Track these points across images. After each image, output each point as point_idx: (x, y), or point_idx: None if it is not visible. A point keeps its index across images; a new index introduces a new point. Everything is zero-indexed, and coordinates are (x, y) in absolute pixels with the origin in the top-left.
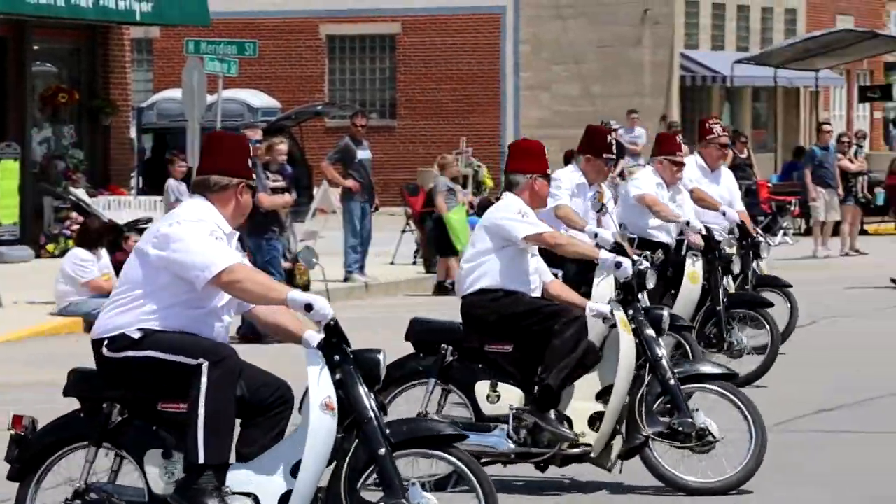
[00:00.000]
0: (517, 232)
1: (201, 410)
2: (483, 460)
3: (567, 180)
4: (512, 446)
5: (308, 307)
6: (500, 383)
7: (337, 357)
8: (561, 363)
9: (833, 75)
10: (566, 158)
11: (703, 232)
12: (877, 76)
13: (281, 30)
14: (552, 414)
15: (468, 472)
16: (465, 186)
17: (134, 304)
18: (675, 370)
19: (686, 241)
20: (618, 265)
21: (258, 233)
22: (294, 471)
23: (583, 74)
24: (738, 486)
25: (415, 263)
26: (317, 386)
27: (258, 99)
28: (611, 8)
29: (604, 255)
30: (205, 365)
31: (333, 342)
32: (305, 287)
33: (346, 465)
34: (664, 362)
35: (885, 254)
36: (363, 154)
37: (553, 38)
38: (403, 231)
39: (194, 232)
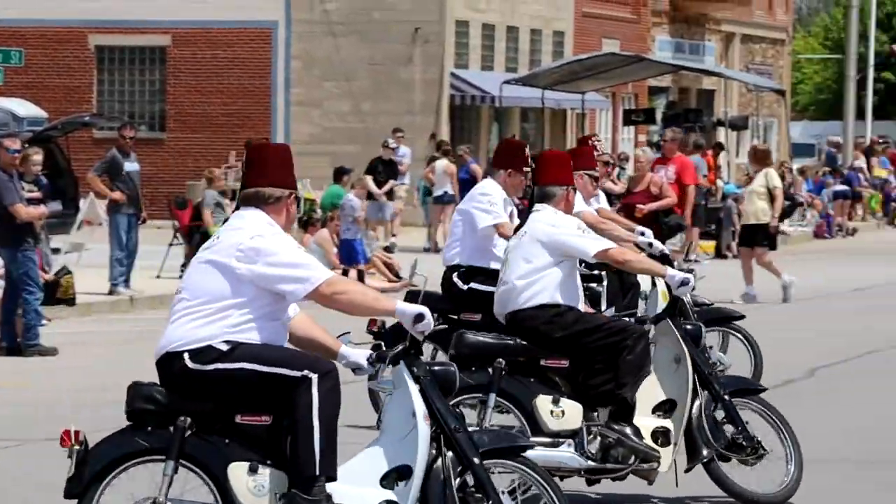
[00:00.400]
0: (588, 248)
1: (316, 422)
2: None
3: (497, 195)
4: (584, 462)
5: (419, 317)
6: (561, 399)
7: (416, 369)
8: (634, 378)
9: (599, 98)
10: (336, 175)
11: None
12: (641, 100)
13: (49, 39)
14: (629, 429)
15: (545, 485)
16: (233, 200)
17: (216, 316)
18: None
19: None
20: (685, 282)
21: (13, 244)
22: (382, 480)
23: (353, 91)
24: (791, 495)
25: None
26: (417, 397)
27: (24, 108)
28: (382, 26)
29: (671, 271)
30: (314, 377)
31: (412, 353)
32: (71, 300)
33: (432, 477)
34: (714, 377)
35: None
36: (131, 166)
37: (324, 54)
38: (171, 244)
39: (285, 244)
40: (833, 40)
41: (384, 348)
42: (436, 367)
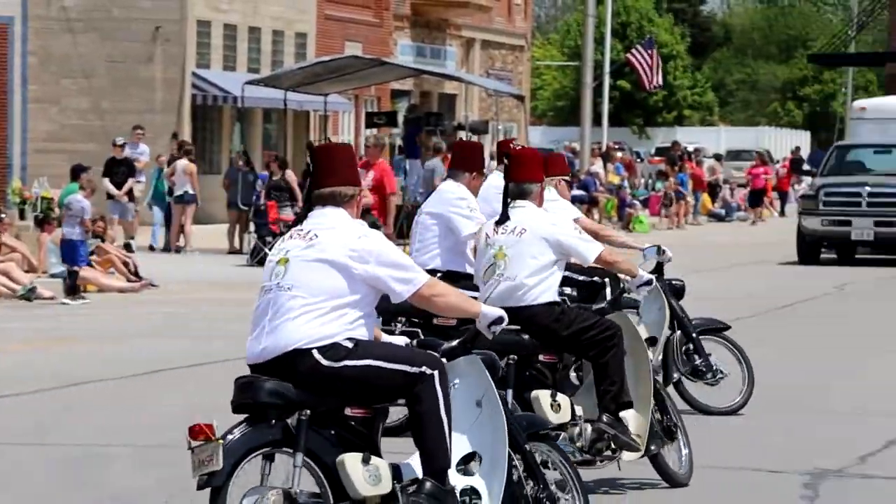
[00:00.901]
0: (588, 253)
1: (444, 416)
2: None
3: (472, 200)
4: (577, 455)
5: (500, 320)
6: (557, 393)
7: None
8: (622, 373)
9: (342, 100)
10: (73, 173)
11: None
12: (384, 103)
13: None
14: (622, 424)
15: (570, 471)
16: None
17: (335, 314)
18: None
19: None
20: (648, 282)
21: None
22: (458, 468)
23: (93, 89)
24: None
25: None
26: (487, 384)
27: None
28: (122, 23)
29: (641, 273)
30: (435, 373)
31: (468, 347)
32: None
33: None
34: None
35: None
36: None
37: (63, 51)
38: None
39: (388, 245)
40: (570, 48)
41: (419, 337)
42: (482, 356)
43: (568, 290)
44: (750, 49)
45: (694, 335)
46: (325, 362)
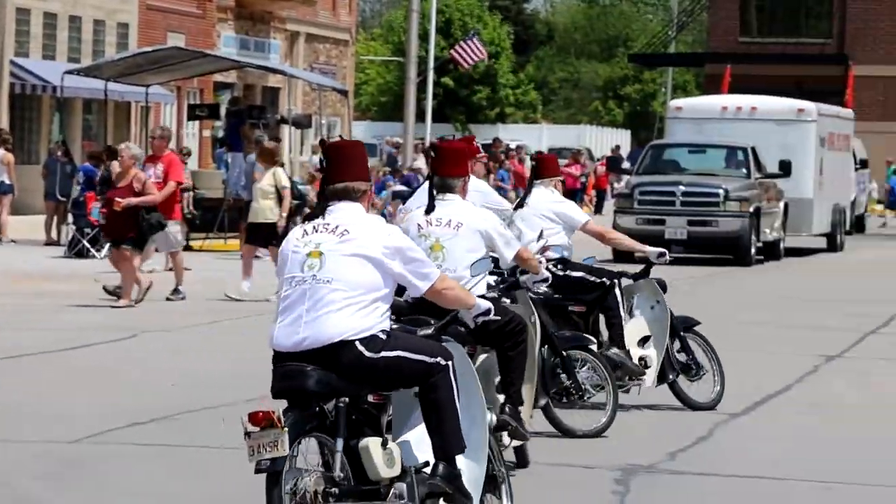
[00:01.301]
0: (508, 252)
1: (458, 405)
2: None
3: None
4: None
5: (488, 311)
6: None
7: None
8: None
9: (164, 91)
10: None
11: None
12: (206, 95)
13: None
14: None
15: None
16: None
17: (371, 307)
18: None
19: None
20: (545, 279)
21: None
22: None
23: None
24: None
25: None
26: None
27: None
28: None
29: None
30: (449, 364)
31: (440, 334)
32: None
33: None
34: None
35: (212, 269)
36: None
37: None
38: None
39: (409, 241)
40: (395, 44)
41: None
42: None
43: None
44: (572, 48)
45: (681, 333)
46: (367, 353)
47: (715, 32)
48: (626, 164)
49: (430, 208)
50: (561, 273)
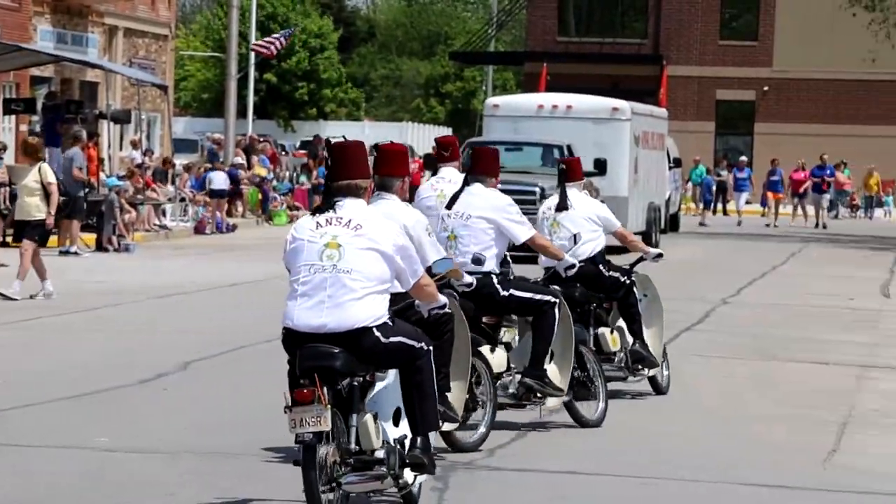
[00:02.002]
0: (431, 255)
1: (435, 386)
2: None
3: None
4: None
5: (443, 306)
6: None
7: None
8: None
9: None
10: None
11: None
12: (23, 89)
13: None
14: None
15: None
16: None
17: (382, 296)
18: None
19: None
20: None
21: None
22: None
23: None
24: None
25: None
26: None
27: None
28: None
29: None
30: (431, 349)
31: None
32: None
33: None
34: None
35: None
36: None
37: None
38: None
39: (409, 241)
40: (215, 40)
41: None
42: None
43: None
44: (393, 46)
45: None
46: (383, 339)
47: (533, 31)
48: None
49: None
50: (597, 272)
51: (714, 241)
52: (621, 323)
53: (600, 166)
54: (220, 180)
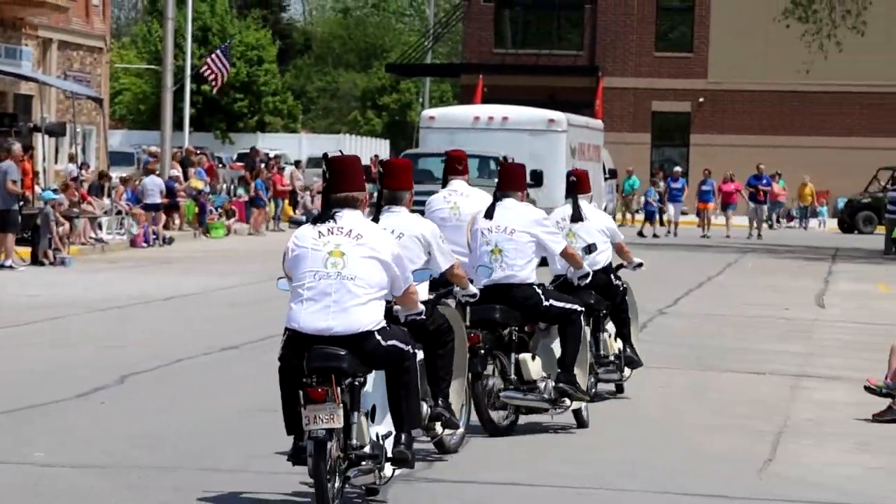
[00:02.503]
0: (444, 262)
1: (418, 385)
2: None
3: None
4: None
5: (420, 313)
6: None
7: None
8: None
9: None
10: None
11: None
12: None
13: None
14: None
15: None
16: None
17: (380, 302)
18: None
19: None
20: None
21: None
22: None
23: None
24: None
25: None
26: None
27: None
28: None
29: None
30: (418, 352)
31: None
32: None
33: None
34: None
35: None
36: None
37: None
38: None
39: (401, 249)
40: (151, 52)
41: None
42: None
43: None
44: (330, 57)
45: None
46: (382, 342)
47: (469, 43)
48: None
49: (375, 220)
50: (608, 280)
51: (651, 251)
52: (610, 327)
53: (537, 178)
54: (155, 192)
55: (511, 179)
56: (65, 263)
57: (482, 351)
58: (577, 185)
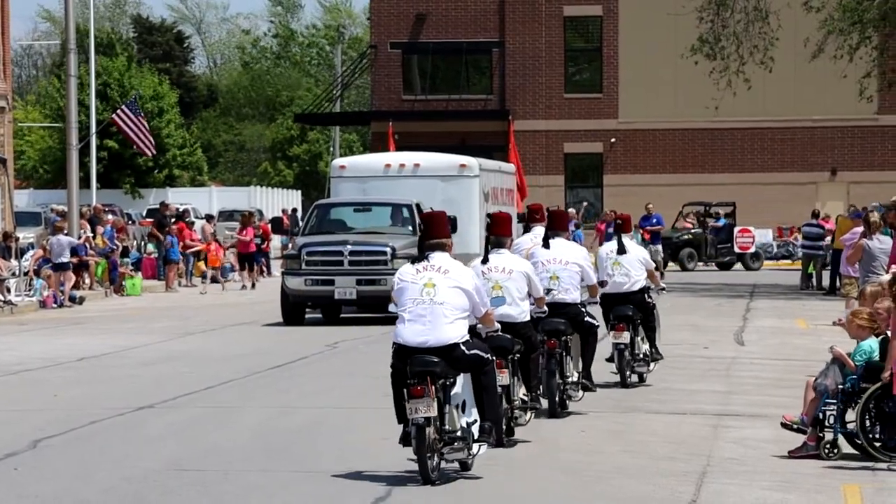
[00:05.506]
0: (538, 291)
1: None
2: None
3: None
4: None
5: (496, 331)
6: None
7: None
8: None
9: None
10: None
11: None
12: None
13: None
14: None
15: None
16: None
17: (464, 321)
18: None
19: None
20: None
21: None
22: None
23: None
24: None
25: None
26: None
27: None
28: None
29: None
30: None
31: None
32: None
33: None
34: None
35: None
36: None
37: None
38: None
39: (478, 281)
40: (54, 109)
41: None
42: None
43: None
44: (234, 110)
45: None
46: (466, 352)
47: (378, 91)
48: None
49: (485, 259)
50: (643, 298)
51: None
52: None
53: (451, 224)
54: (63, 251)
55: (556, 223)
56: None
57: (558, 355)
58: (621, 227)
